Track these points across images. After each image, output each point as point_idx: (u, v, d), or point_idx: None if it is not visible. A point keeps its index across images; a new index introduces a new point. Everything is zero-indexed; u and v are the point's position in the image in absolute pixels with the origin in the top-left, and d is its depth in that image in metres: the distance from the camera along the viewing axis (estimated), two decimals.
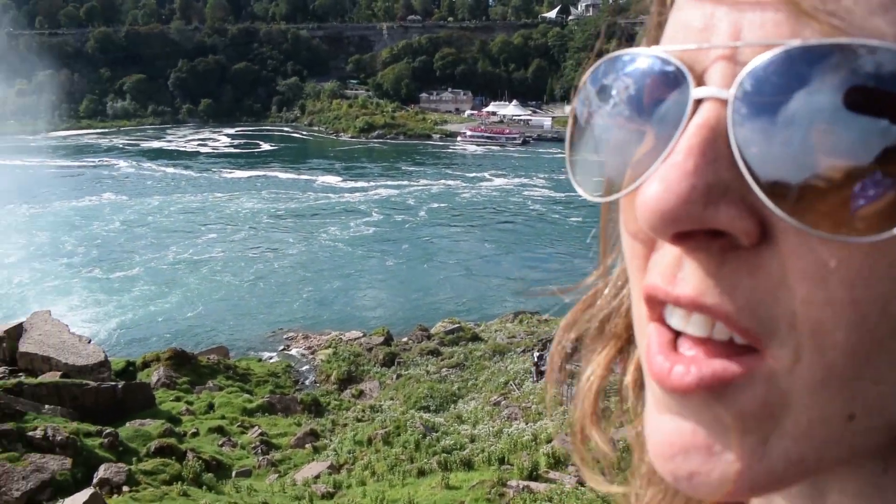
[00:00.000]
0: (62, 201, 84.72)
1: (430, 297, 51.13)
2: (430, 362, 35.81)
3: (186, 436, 25.06)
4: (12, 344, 29.76)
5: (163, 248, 64.31)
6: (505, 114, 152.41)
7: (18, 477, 17.19)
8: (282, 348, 41.32)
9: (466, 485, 17.28)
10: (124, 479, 17.35)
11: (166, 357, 33.48)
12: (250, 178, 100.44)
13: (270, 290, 52.89)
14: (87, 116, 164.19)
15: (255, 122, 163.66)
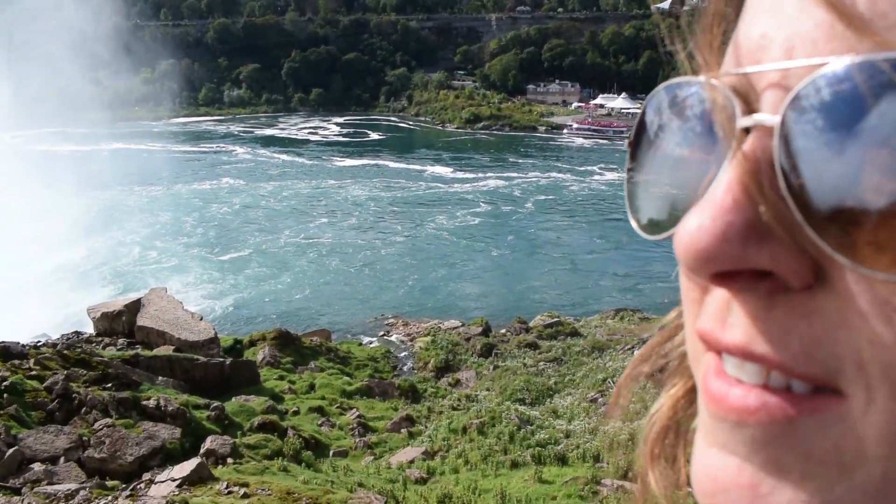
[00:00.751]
0: (184, 184, 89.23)
1: (530, 290, 50.88)
2: (528, 355, 35.63)
3: (288, 414, 25.86)
4: (131, 318, 31.53)
5: (275, 232, 66.72)
6: (613, 107, 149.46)
7: (132, 443, 18.15)
8: (382, 334, 42.06)
9: (560, 480, 17.11)
10: (229, 451, 18.06)
11: (272, 337, 34.66)
12: (360, 166, 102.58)
13: (375, 276, 53.94)
14: (205, 104, 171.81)
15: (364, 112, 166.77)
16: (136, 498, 13.02)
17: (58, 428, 18.60)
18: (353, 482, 16.94)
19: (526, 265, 56.97)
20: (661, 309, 45.14)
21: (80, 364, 23.33)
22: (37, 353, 23.33)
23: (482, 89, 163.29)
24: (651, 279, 52.70)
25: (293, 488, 14.57)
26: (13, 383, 19.90)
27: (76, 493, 14.44)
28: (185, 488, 13.49)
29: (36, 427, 18.63)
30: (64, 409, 19.87)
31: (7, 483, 15.93)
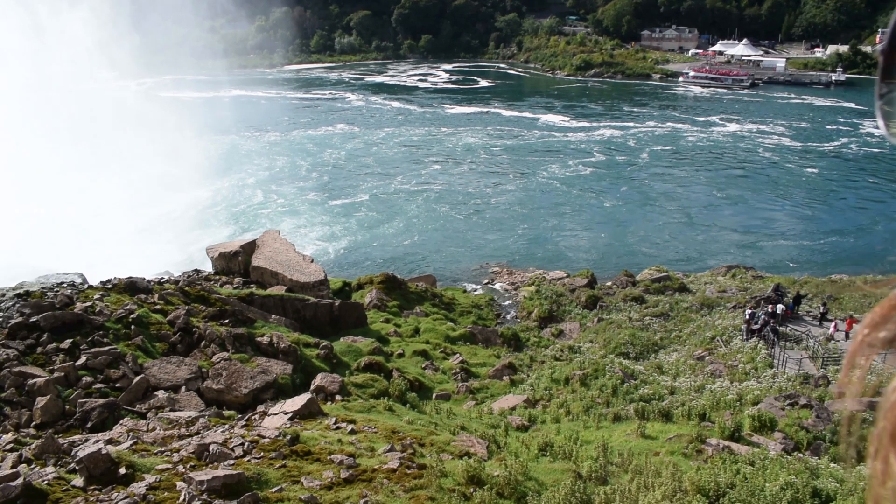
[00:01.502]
0: (299, 130, 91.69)
1: (640, 243, 49.77)
2: (634, 309, 35.03)
3: (393, 356, 26.48)
4: (246, 258, 32.82)
5: (386, 178, 67.84)
6: (733, 54, 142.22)
7: (247, 376, 19.03)
8: (486, 282, 42.22)
9: (663, 436, 16.83)
10: (337, 388, 18.68)
11: (379, 280, 35.39)
12: (470, 114, 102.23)
13: (483, 224, 54.03)
14: (316, 51, 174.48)
15: (472, 59, 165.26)
16: (251, 428, 13.66)
17: (179, 359, 19.72)
18: (455, 425, 17.22)
19: (637, 217, 55.63)
20: (778, 268, 43.17)
21: (199, 300, 24.56)
22: (161, 289, 24.68)
23: (594, 35, 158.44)
24: (772, 236, 50.53)
25: (398, 427, 14.94)
26: (139, 316, 21.17)
27: (196, 421, 15.30)
28: (296, 422, 14.05)
29: (160, 357, 19.81)
30: (185, 342, 21.03)
31: (134, 408, 17.06)
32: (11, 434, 15.10)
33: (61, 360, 18.26)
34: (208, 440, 12.30)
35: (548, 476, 12.66)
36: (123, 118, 74.92)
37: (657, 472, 13.57)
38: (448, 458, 12.86)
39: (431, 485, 11.11)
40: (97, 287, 23.85)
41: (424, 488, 10.98)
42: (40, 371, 17.63)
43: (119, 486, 10.77)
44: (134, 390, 17.58)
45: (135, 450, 12.43)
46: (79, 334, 19.36)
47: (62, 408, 16.45)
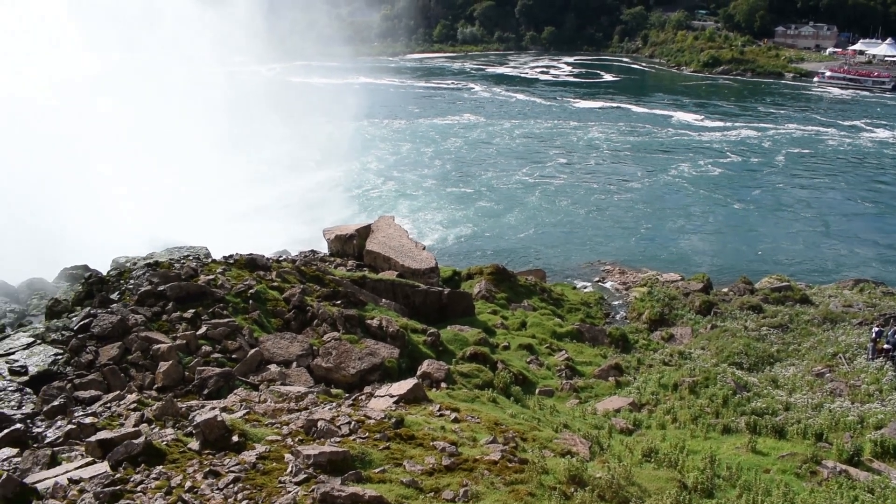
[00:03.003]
0: (424, 118, 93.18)
1: (763, 249, 47.61)
2: (750, 318, 33.57)
3: (498, 348, 26.46)
4: (361, 242, 33.55)
5: (506, 169, 67.93)
6: (875, 53, 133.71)
7: (356, 357, 19.46)
8: (597, 279, 41.54)
9: (775, 453, 16.06)
10: (443, 376, 18.82)
11: (489, 272, 35.42)
12: (595, 108, 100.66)
13: (601, 220, 53.19)
14: (439, 41, 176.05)
15: (595, 52, 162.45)
16: (358, 408, 13.94)
17: (292, 336, 20.37)
18: (558, 422, 17.03)
19: (766, 222, 53.18)
20: None
21: (314, 280, 25.28)
22: (278, 267, 25.56)
23: (724, 30, 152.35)
24: None
25: (501, 420, 14.90)
26: (258, 292, 22.01)
27: (305, 396, 15.76)
28: (401, 405, 14.24)
29: (274, 333, 20.54)
30: (299, 320, 21.71)
31: (247, 379, 17.76)
32: (135, 395, 16.04)
33: (184, 329, 19.23)
34: (316, 416, 12.64)
35: (651, 483, 12.31)
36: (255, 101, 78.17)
37: (767, 490, 12.98)
38: (550, 456, 12.73)
39: (532, 480, 11.01)
40: (220, 261, 24.95)
41: (525, 483, 10.90)
42: (164, 337, 18.63)
43: (231, 453, 11.22)
44: (248, 362, 18.29)
45: (247, 419, 12.93)
46: (201, 305, 20.33)
47: (182, 373, 17.32)
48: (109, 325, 18.90)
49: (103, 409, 15.44)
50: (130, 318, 19.22)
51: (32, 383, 17.27)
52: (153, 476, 10.39)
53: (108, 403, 15.73)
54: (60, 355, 18.40)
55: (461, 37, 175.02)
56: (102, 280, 23.46)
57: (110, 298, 21.23)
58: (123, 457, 10.83)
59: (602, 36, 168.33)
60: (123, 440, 11.23)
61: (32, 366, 17.95)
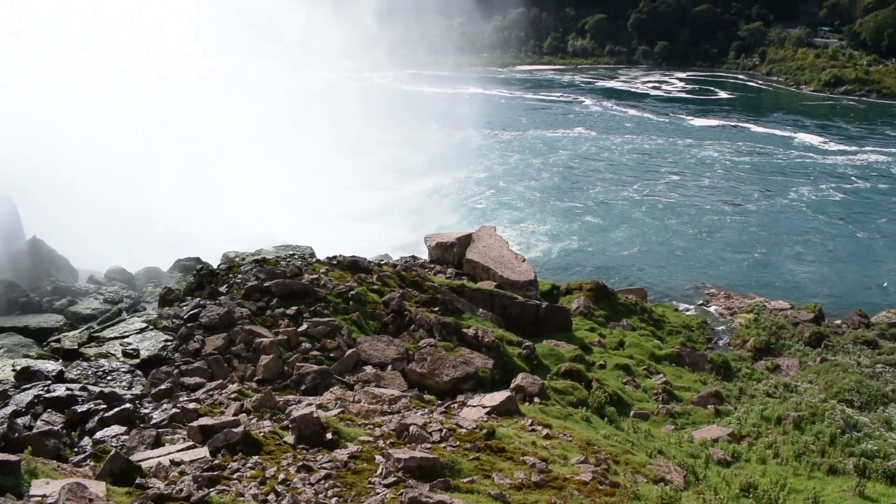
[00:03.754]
0: (533, 130, 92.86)
1: (882, 282, 44.88)
2: (864, 353, 31.70)
3: (594, 366, 25.96)
4: (461, 250, 33.67)
5: (614, 185, 66.74)
6: None
7: (450, 364, 19.52)
8: (700, 302, 40.23)
9: (885, 500, 15.08)
10: (537, 390, 18.63)
11: (588, 288, 34.85)
12: (709, 126, 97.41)
13: (709, 242, 51.42)
14: (548, 53, 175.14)
15: (709, 68, 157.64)
16: (450, 416, 13.96)
17: (389, 339, 20.64)
18: (652, 448, 16.55)
19: (889, 254, 49.99)
20: None
21: (413, 286, 25.54)
22: (379, 270, 25.97)
23: (848, 49, 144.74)
24: None
25: (593, 440, 14.61)
26: (358, 293, 22.42)
27: (398, 400, 15.91)
28: (493, 417, 14.17)
29: (371, 335, 20.86)
30: (396, 324, 21.97)
31: (343, 378, 18.09)
32: (237, 385, 16.60)
33: (286, 325, 19.80)
34: (409, 421, 12.73)
35: None
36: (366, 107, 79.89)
37: None
38: (642, 481, 12.38)
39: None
40: (324, 262, 25.59)
41: None
42: (267, 332, 19.22)
43: (324, 450, 11.44)
44: (345, 362, 18.64)
45: (341, 418, 13.15)
46: (303, 303, 20.90)
47: (281, 368, 17.81)
48: (217, 316, 19.67)
49: (206, 396, 16.04)
50: (236, 310, 19.94)
51: (143, 366, 18.16)
52: (249, 465, 10.70)
53: (211, 391, 16.33)
54: (170, 342, 19.28)
55: (571, 49, 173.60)
56: (213, 273, 24.45)
57: (219, 291, 22.09)
58: (223, 444, 11.21)
59: (717, 52, 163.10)
60: (223, 428, 11.62)
61: (144, 350, 18.88)
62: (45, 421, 14.42)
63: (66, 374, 17.29)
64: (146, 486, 9.51)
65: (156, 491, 9.04)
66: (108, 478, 9.61)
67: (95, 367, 17.87)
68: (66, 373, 17.37)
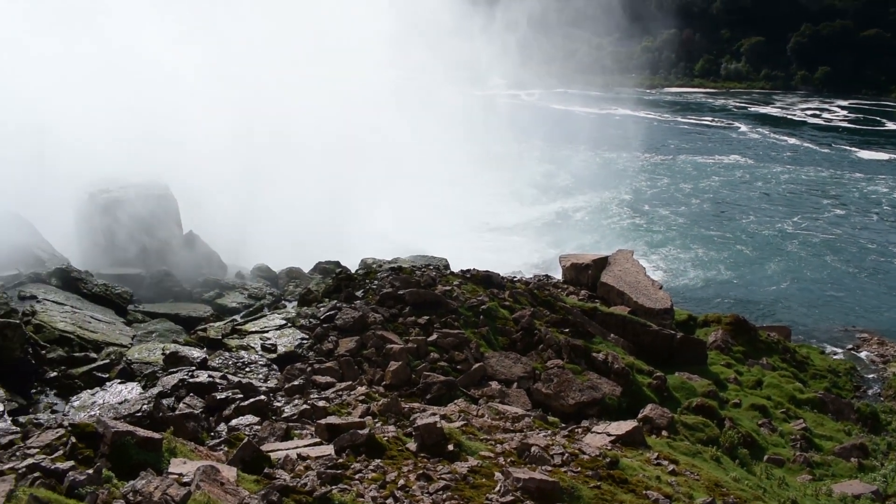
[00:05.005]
0: (683, 154, 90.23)
1: None
2: None
3: (728, 404, 24.81)
4: (596, 273, 33.13)
5: (766, 215, 63.63)
6: None
7: (576, 388, 19.19)
8: (850, 347, 37.63)
9: None
10: (666, 423, 17.98)
11: (727, 321, 33.39)
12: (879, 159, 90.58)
13: (868, 283, 47.93)
14: (699, 75, 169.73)
15: (875, 96, 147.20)
16: (573, 440, 13.72)
17: (517, 356, 20.55)
18: (787, 497, 15.60)
19: None
20: None
21: (545, 305, 25.36)
22: (512, 287, 25.95)
23: None
24: None
25: (722, 481, 13.94)
26: (489, 308, 22.49)
27: (521, 418, 15.79)
28: (617, 446, 13.81)
29: (499, 350, 20.84)
30: (524, 342, 21.85)
31: (468, 391, 18.16)
32: (365, 388, 17.02)
33: (416, 333, 20.13)
34: (531, 441, 12.60)
35: None
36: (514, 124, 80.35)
37: None
38: None
39: None
40: (458, 274, 25.86)
41: None
42: (397, 339, 19.61)
43: (445, 461, 11.50)
44: (472, 375, 18.71)
45: (464, 431, 13.19)
46: (435, 313, 21.17)
47: (409, 375, 18.10)
48: (351, 319, 20.28)
49: (335, 395, 16.52)
50: (370, 315, 20.48)
51: (279, 361, 19.00)
52: (371, 468, 10.91)
53: (340, 391, 16.80)
54: (305, 340, 20.07)
55: (724, 72, 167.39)
56: (350, 277, 25.25)
57: (355, 295, 22.78)
58: (348, 444, 11.49)
59: (885, 79, 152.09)
60: (349, 428, 11.92)
61: (281, 346, 19.75)
62: (186, 404, 15.31)
63: (208, 362, 18.33)
64: (273, 477, 9.89)
65: (282, 482, 9.38)
66: (239, 464, 10.06)
67: (236, 357, 18.85)
68: (209, 361, 18.42)
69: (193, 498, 7.72)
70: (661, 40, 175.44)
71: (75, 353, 20.73)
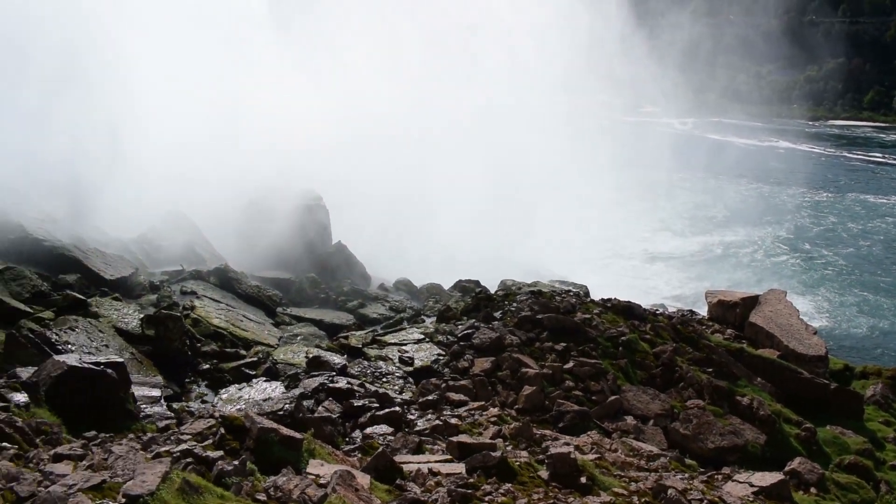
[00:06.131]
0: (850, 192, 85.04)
1: None
2: None
3: (885, 465, 22.84)
4: (745, 312, 31.52)
5: None
6: None
7: (716, 431, 18.30)
8: None
9: None
10: (815, 479, 16.78)
11: (889, 374, 30.81)
12: None
13: None
14: (869, 108, 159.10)
15: None
16: (712, 486, 13.06)
17: (655, 392, 19.86)
18: None
19: None
20: None
21: (688, 341, 24.37)
22: (654, 320, 25.14)
23: None
24: None
25: None
26: (629, 340, 21.88)
27: (657, 458, 15.23)
28: (760, 498, 13.00)
29: (637, 385, 20.21)
30: (664, 378, 21.08)
31: (602, 423, 17.71)
32: (497, 409, 16.95)
33: (552, 360, 19.88)
34: (667, 483, 12.10)
35: None
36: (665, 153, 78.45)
37: None
38: None
39: None
40: (598, 302, 25.37)
41: None
42: (533, 363, 19.44)
43: (576, 493, 11.24)
44: (607, 407, 18.26)
45: (597, 464, 12.86)
46: (573, 341, 20.85)
47: (543, 401, 17.89)
48: (488, 339, 20.31)
49: (468, 414, 16.56)
50: (507, 337, 20.43)
51: (415, 374, 19.29)
52: (501, 491, 10.82)
53: (473, 410, 16.82)
54: (442, 356, 20.28)
55: None
56: (490, 297, 25.33)
57: (493, 316, 22.81)
58: (479, 464, 11.47)
59: None
60: (482, 449, 11.90)
61: (418, 360, 20.05)
62: (325, 408, 15.79)
63: (348, 369, 18.87)
64: (404, 489, 10.01)
65: (413, 495, 9.48)
66: (373, 472, 10.26)
67: (374, 367, 19.30)
68: (348, 368, 18.96)
69: (329, 500, 7.93)
70: (826, 69, 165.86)
71: (227, 348, 21.96)
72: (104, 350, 19.03)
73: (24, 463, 9.10)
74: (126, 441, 11.19)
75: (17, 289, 22.41)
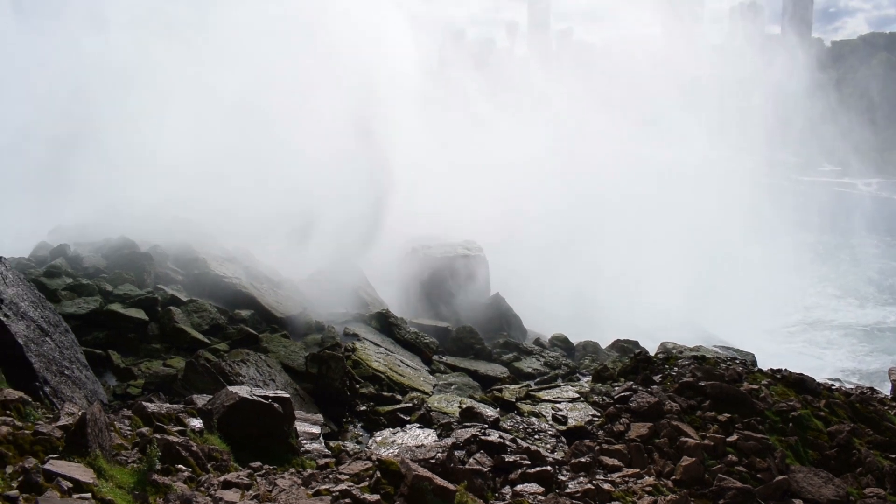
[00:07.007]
0: None
1: None
2: None
3: None
4: None
5: None
6: None
7: None
8: None
9: None
10: None
11: None
12: None
13: None
14: None
15: None
16: None
17: (828, 476, 18.32)
18: None
19: None
20: None
21: (867, 422, 22.40)
22: (829, 396, 23.33)
23: None
24: None
25: None
26: (801, 416, 20.40)
27: None
28: None
29: (808, 466, 18.74)
30: (839, 460, 19.44)
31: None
32: (653, 478, 16.27)
33: (714, 430, 18.86)
34: None
35: None
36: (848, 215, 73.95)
37: None
38: None
39: None
40: (766, 373, 23.90)
41: None
42: (693, 433, 18.52)
43: None
44: (773, 487, 17.05)
45: None
46: (737, 412, 19.71)
47: (702, 474, 16.97)
48: (646, 404, 19.61)
49: (621, 480, 16.01)
50: (667, 403, 19.65)
51: (567, 434, 18.95)
52: None
53: (627, 477, 16.25)
54: (597, 417, 19.82)
55: None
56: (649, 360, 24.53)
57: (652, 379, 22.05)
58: None
59: None
60: None
61: (572, 419, 19.70)
62: (476, 460, 15.82)
63: (500, 423, 18.82)
64: None
65: None
66: None
67: (526, 423, 19.14)
68: (501, 421, 18.91)
69: None
70: None
71: (384, 392, 22.57)
72: (271, 384, 20.12)
73: (196, 486, 9.76)
74: (288, 475, 11.72)
75: (198, 320, 24.24)
